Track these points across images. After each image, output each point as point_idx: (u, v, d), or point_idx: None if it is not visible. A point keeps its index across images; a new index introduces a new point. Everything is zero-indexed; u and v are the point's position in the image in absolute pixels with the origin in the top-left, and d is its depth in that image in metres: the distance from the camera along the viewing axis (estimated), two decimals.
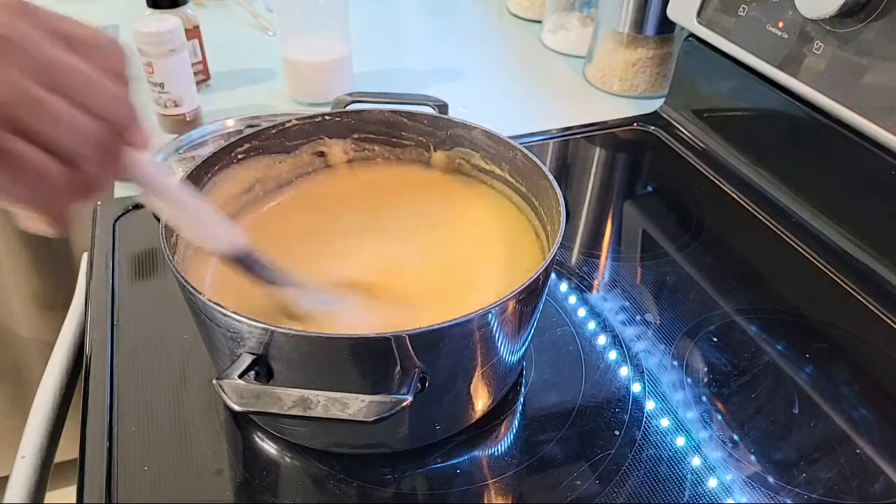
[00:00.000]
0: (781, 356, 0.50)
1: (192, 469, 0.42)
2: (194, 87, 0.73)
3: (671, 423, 0.45)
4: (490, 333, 0.37)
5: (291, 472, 0.42)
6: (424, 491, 0.41)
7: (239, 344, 0.35)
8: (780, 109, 0.65)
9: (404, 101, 0.54)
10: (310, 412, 0.32)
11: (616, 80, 0.84)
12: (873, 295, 0.55)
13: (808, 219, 0.63)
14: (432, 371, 0.36)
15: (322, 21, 0.78)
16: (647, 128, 0.77)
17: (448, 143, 0.52)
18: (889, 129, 0.53)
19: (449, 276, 0.46)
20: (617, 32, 0.82)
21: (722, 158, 0.71)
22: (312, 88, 0.80)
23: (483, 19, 1.07)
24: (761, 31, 0.63)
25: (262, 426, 0.44)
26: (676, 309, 0.54)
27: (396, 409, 0.32)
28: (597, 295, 0.55)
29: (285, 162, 0.51)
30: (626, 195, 0.70)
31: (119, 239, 0.58)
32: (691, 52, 0.75)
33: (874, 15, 0.53)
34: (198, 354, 0.48)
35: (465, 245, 0.49)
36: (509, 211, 0.51)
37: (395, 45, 0.98)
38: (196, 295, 0.35)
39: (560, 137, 0.75)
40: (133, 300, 0.53)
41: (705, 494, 0.41)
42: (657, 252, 0.60)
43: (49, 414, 0.48)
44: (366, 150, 0.53)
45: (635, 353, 0.50)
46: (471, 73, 0.90)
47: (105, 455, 0.42)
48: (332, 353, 0.35)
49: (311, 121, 0.50)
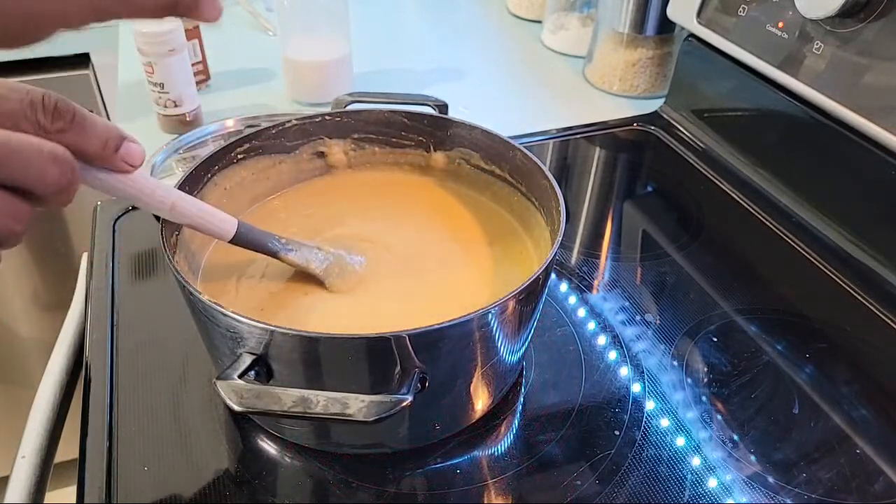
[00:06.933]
0: (781, 356, 0.50)
1: (192, 469, 0.42)
2: (194, 87, 0.73)
3: (671, 423, 0.45)
4: (490, 333, 0.37)
5: (291, 472, 0.42)
6: (424, 491, 0.41)
7: (239, 344, 0.35)
8: (780, 109, 0.65)
9: (404, 101, 0.54)
10: (310, 412, 0.32)
11: (616, 80, 0.84)
12: (873, 295, 0.55)
13: (808, 219, 0.63)
14: (432, 371, 0.36)
15: (322, 21, 0.78)
16: (647, 128, 0.77)
17: (448, 143, 0.52)
18: (889, 129, 0.53)
19: (437, 276, 0.46)
20: (617, 32, 0.82)
21: (722, 158, 0.71)
22: (312, 88, 0.80)
23: (483, 19, 1.07)
24: (761, 31, 0.63)
25: (262, 426, 0.44)
26: (676, 309, 0.54)
27: (396, 409, 0.32)
28: (597, 295, 0.55)
29: (285, 162, 0.51)
30: (626, 195, 0.70)
31: (119, 239, 0.58)
32: (691, 52, 0.75)
33: (874, 15, 0.53)
34: (198, 354, 0.48)
35: (457, 246, 0.49)
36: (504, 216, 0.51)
37: (395, 45, 0.98)
38: (196, 295, 0.35)
39: (560, 137, 0.75)
40: (133, 300, 0.53)
41: (705, 494, 0.41)
42: (657, 252, 0.60)
43: (49, 414, 0.48)
44: (366, 151, 0.53)
45: (635, 353, 0.50)
46: (471, 73, 0.90)
47: (105, 455, 0.42)
48: (331, 353, 0.35)
49: (311, 121, 0.50)
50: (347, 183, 0.53)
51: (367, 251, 0.47)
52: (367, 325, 0.42)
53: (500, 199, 0.51)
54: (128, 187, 0.34)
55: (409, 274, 0.46)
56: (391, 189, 0.53)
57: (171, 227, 0.40)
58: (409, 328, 0.33)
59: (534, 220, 0.48)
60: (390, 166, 0.54)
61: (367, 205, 0.52)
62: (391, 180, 0.54)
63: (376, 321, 0.42)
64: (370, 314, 0.43)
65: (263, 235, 0.42)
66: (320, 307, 0.43)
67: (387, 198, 0.52)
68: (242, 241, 0.41)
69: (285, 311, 0.43)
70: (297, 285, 0.45)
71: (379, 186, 0.53)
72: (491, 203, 0.52)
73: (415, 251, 0.48)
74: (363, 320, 0.43)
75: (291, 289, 0.44)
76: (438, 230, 0.50)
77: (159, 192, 0.36)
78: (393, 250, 0.48)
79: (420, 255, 0.48)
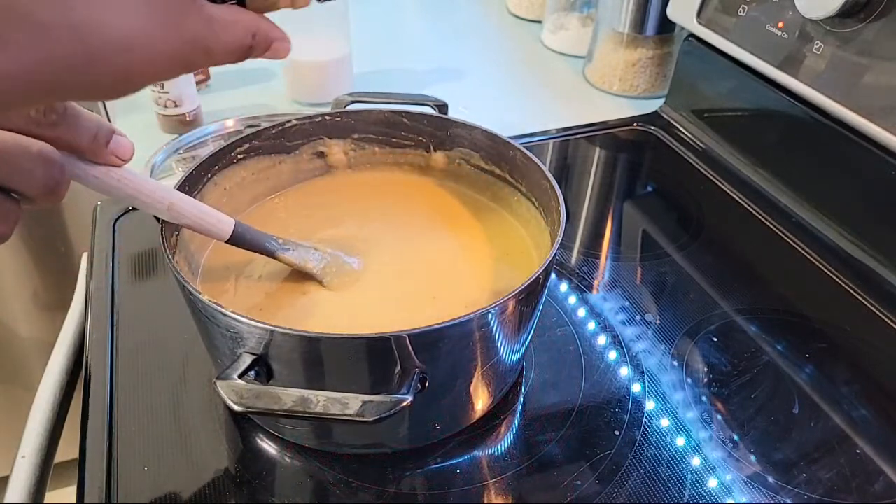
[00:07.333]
0: (781, 356, 0.50)
1: (192, 469, 0.42)
2: (194, 87, 0.73)
3: (671, 423, 0.45)
4: (490, 333, 0.37)
5: (291, 472, 0.42)
6: (424, 491, 0.41)
7: (239, 344, 0.35)
8: (780, 109, 0.65)
9: (404, 101, 0.54)
10: (310, 412, 0.32)
11: (616, 80, 0.84)
12: (873, 295, 0.55)
13: (808, 219, 0.63)
14: (432, 371, 0.36)
15: (322, 21, 0.78)
16: (647, 128, 0.77)
17: (448, 143, 0.52)
18: (889, 129, 0.53)
19: (437, 276, 0.46)
20: (617, 32, 0.82)
21: (722, 158, 0.71)
22: (312, 88, 0.80)
23: (483, 19, 1.07)
24: (761, 31, 0.63)
25: (262, 426, 0.44)
26: (676, 309, 0.54)
27: (396, 409, 0.32)
28: (597, 295, 0.55)
29: (285, 162, 0.51)
30: (626, 195, 0.70)
31: (119, 239, 0.58)
32: (691, 52, 0.75)
33: (874, 15, 0.53)
34: (198, 354, 0.48)
35: (457, 246, 0.49)
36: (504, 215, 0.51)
37: (395, 45, 0.98)
38: (196, 295, 0.35)
39: (560, 137, 0.75)
40: (133, 300, 0.53)
41: (705, 494, 0.41)
42: (657, 252, 0.60)
43: (49, 414, 0.48)
44: (366, 151, 0.53)
45: (635, 353, 0.50)
46: (471, 73, 0.90)
47: (105, 455, 0.42)
48: (331, 353, 0.35)
49: (311, 121, 0.50)
50: (347, 183, 0.53)
51: (366, 251, 0.47)
52: (367, 325, 0.42)
53: (500, 199, 0.51)
54: (125, 187, 0.34)
55: (409, 274, 0.46)
56: (391, 189, 0.53)
57: (170, 227, 0.40)
58: (409, 328, 0.33)
59: (534, 220, 0.48)
60: (390, 166, 0.54)
61: (367, 205, 0.52)
62: (391, 180, 0.54)
63: (376, 321, 0.42)
64: (370, 314, 0.43)
65: (261, 236, 0.42)
66: (319, 307, 0.43)
67: (387, 198, 0.52)
68: (240, 241, 0.41)
69: (284, 312, 0.43)
70: (294, 285, 0.45)
71: (379, 186, 0.53)
72: (491, 203, 0.52)
73: (415, 251, 0.48)
74: (363, 320, 0.43)
75: (289, 289, 0.44)
76: (438, 230, 0.50)
77: (156, 192, 0.36)
78: (393, 250, 0.48)
79: (420, 255, 0.48)
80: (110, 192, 0.34)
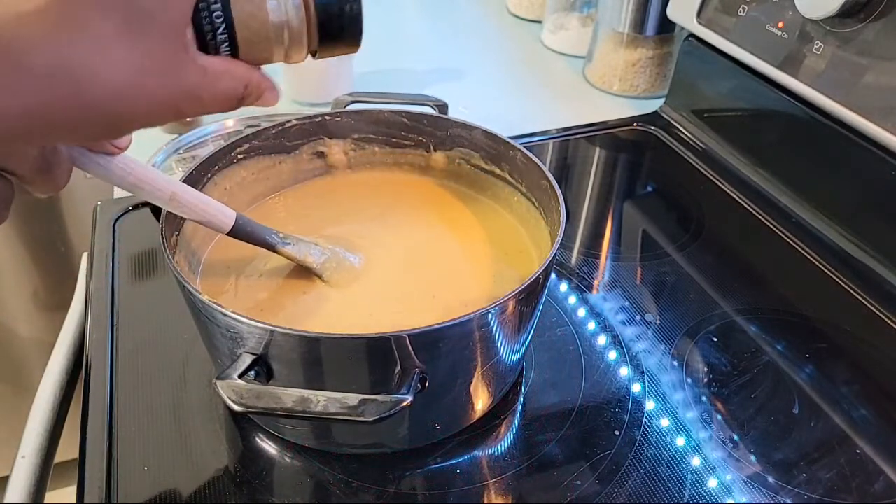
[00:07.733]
0: (781, 356, 0.50)
1: (192, 469, 0.42)
2: None
3: (671, 423, 0.45)
4: (490, 333, 0.37)
5: (291, 472, 0.42)
6: (424, 491, 0.41)
7: (239, 344, 0.35)
8: (780, 109, 0.65)
9: (404, 101, 0.54)
10: (310, 412, 0.32)
11: (616, 80, 0.84)
12: (873, 295, 0.55)
13: (808, 219, 0.63)
14: (432, 371, 0.36)
15: None
16: (647, 128, 0.77)
17: (448, 143, 0.52)
18: (889, 129, 0.53)
19: (436, 276, 0.46)
20: (617, 32, 0.82)
21: (722, 158, 0.71)
22: (312, 88, 0.80)
23: (483, 19, 1.07)
24: (761, 31, 0.63)
25: (262, 426, 0.44)
26: (676, 309, 0.54)
27: (396, 409, 0.32)
28: (597, 295, 0.55)
29: (285, 162, 0.51)
30: (626, 195, 0.70)
31: (119, 239, 0.58)
32: (691, 52, 0.75)
33: (874, 15, 0.53)
34: (198, 354, 0.48)
35: (457, 246, 0.49)
36: (504, 215, 0.51)
37: (395, 45, 0.98)
38: (196, 295, 0.35)
39: (560, 137, 0.75)
40: (133, 300, 0.53)
41: (705, 494, 0.41)
42: (657, 252, 0.60)
43: (49, 414, 0.48)
44: (366, 151, 0.53)
45: (635, 353, 0.50)
46: (471, 73, 0.90)
47: (105, 455, 0.42)
48: (331, 353, 0.35)
49: (311, 121, 0.50)
50: (347, 183, 0.53)
51: (366, 251, 0.47)
52: (367, 325, 0.42)
53: (500, 199, 0.51)
54: (128, 175, 0.34)
55: (408, 274, 0.46)
56: (391, 189, 0.53)
57: (171, 226, 0.40)
58: (409, 328, 0.33)
59: (534, 220, 0.48)
60: (390, 166, 0.54)
61: (367, 204, 0.52)
62: (391, 180, 0.54)
63: (376, 321, 0.42)
64: (370, 314, 0.43)
65: (262, 229, 0.42)
66: (319, 307, 0.43)
67: (386, 198, 0.52)
68: (241, 233, 0.41)
69: (284, 311, 0.43)
70: (295, 284, 0.45)
71: (379, 186, 0.53)
72: (491, 203, 0.52)
73: (414, 251, 0.48)
74: (363, 320, 0.43)
75: (290, 288, 0.44)
76: (438, 230, 0.50)
77: (159, 181, 0.36)
78: (392, 250, 0.48)
79: (420, 255, 0.48)
80: (113, 179, 0.33)
